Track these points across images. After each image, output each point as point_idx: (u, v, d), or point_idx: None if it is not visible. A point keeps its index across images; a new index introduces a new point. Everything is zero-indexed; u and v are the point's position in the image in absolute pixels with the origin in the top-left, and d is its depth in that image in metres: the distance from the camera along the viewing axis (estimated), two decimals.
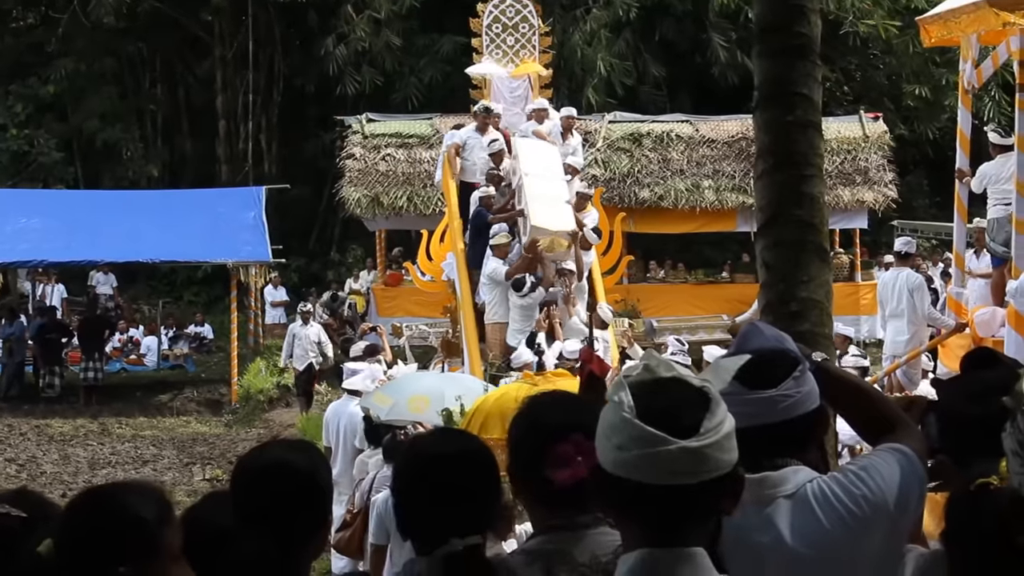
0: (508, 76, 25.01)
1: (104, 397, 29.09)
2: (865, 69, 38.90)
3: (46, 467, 21.36)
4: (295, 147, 40.83)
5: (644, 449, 2.51)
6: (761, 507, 3.23)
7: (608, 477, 2.57)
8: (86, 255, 29.48)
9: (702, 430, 2.55)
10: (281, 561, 3.29)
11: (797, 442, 3.36)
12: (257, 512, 3.41)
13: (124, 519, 3.22)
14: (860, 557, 3.23)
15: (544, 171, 19.75)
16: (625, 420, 2.53)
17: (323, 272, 37.32)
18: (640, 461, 2.51)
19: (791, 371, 3.31)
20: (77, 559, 3.16)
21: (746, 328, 3.48)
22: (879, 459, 3.34)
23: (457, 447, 3.42)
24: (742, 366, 3.25)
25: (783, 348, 3.39)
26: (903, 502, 3.28)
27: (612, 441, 2.55)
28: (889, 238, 18.44)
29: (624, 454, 2.52)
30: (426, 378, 15.73)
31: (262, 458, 3.62)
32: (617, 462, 2.54)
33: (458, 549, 3.10)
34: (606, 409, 2.60)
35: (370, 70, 36.66)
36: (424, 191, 28.41)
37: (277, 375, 26.99)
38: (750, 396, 3.23)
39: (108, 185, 38.43)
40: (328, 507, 3.62)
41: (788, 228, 6.18)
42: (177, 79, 43.02)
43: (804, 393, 3.31)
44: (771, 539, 3.22)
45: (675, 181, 28.81)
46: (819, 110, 6.37)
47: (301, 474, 3.49)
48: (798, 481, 3.29)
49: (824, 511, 3.25)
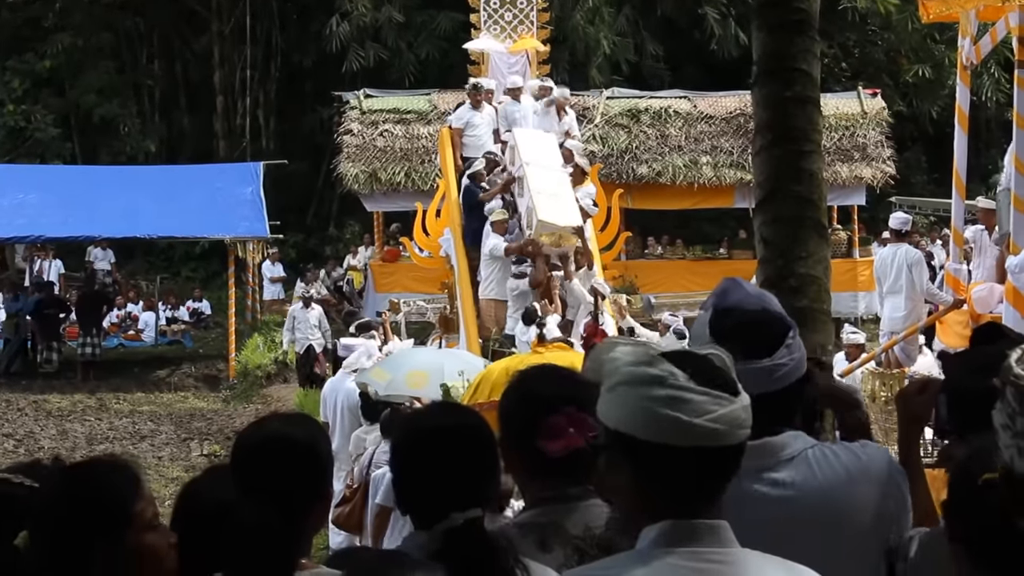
0: (506, 51, 24.98)
1: (102, 373, 29.08)
2: (864, 45, 38.87)
3: (44, 442, 21.37)
4: (293, 123, 40.80)
5: (710, 410, 2.52)
6: (762, 471, 3.23)
7: (641, 445, 2.56)
8: (84, 231, 29.47)
9: (739, 390, 2.60)
10: (283, 532, 3.29)
11: (788, 410, 3.34)
12: (257, 485, 3.42)
13: (97, 491, 3.29)
14: (861, 509, 3.22)
15: (544, 160, 19.61)
16: (683, 387, 2.53)
17: (320, 248, 37.33)
18: (704, 424, 2.51)
19: (783, 338, 3.26)
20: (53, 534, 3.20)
21: (726, 282, 3.41)
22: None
23: (455, 421, 3.41)
24: (731, 331, 3.23)
25: (768, 310, 3.33)
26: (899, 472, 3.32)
27: (661, 411, 2.55)
28: (887, 214, 18.44)
29: (683, 418, 2.52)
30: (424, 353, 15.75)
31: (261, 431, 3.62)
32: (665, 429, 2.54)
33: (458, 523, 3.10)
34: (637, 380, 2.59)
35: (374, 45, 36.67)
36: (422, 167, 28.39)
37: (275, 351, 26.99)
38: (745, 367, 3.13)
39: (105, 161, 38.32)
40: (328, 480, 3.62)
41: (786, 204, 6.18)
42: (175, 54, 42.93)
43: (796, 360, 3.28)
44: (773, 495, 3.21)
45: (673, 157, 28.79)
46: (817, 85, 6.37)
47: (300, 446, 3.50)
48: (798, 446, 3.29)
49: (823, 468, 3.25)
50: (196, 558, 3.64)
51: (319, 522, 3.61)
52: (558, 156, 20.16)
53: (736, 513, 3.15)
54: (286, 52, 40.92)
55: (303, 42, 39.80)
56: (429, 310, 24.07)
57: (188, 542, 3.71)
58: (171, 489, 16.57)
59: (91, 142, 41.08)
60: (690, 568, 2.51)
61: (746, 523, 3.16)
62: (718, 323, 3.29)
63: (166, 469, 18.95)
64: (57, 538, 3.23)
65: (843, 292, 24.14)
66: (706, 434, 2.51)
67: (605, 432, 2.63)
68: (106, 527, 3.24)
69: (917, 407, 3.68)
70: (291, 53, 40.68)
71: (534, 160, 19.34)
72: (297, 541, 3.32)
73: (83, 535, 3.23)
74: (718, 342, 3.17)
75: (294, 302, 27.51)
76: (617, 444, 2.59)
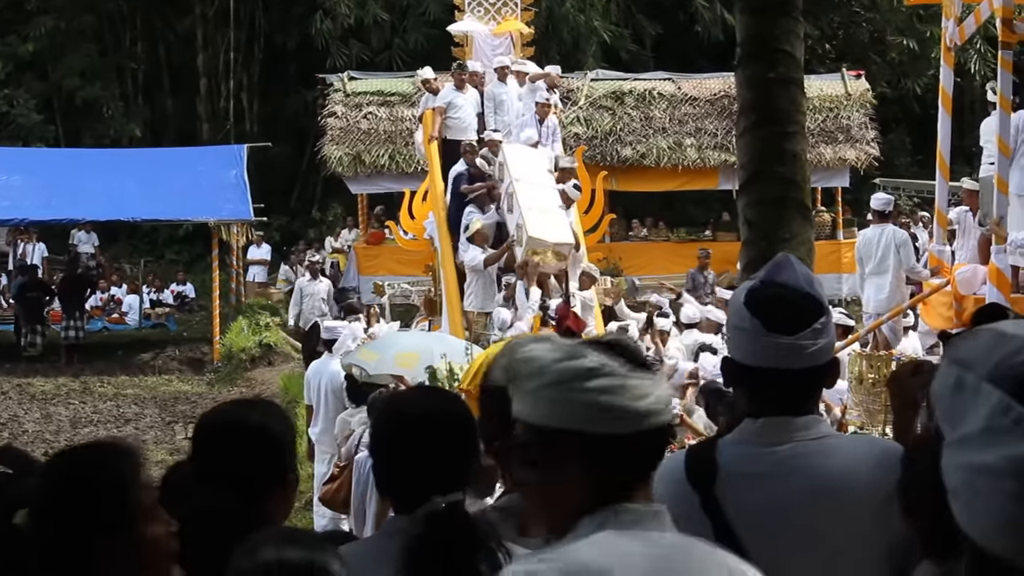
0: (490, 33, 24.93)
1: (86, 356, 29.00)
2: (848, 26, 38.87)
3: (28, 426, 21.34)
4: (276, 105, 40.70)
5: (648, 393, 2.51)
6: (774, 447, 3.24)
7: (589, 438, 2.54)
8: (67, 214, 29.37)
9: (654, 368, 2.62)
10: (241, 516, 3.30)
11: (809, 391, 3.35)
12: (214, 470, 3.47)
13: (100, 478, 3.24)
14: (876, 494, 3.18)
15: (534, 177, 19.48)
16: (619, 374, 2.52)
17: (304, 230, 37.27)
18: (645, 407, 2.50)
19: (813, 321, 3.25)
20: (54, 521, 3.16)
21: (780, 258, 3.38)
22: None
23: (435, 404, 3.42)
24: (763, 303, 3.25)
25: (809, 292, 3.32)
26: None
27: (605, 401, 2.52)
28: (871, 196, 18.43)
29: (628, 405, 2.50)
30: (413, 336, 15.75)
31: (217, 417, 3.67)
32: (613, 419, 2.51)
33: (439, 507, 3.10)
34: (572, 375, 2.58)
35: (357, 44, 36.78)
36: (406, 149, 28.39)
37: (259, 334, 26.94)
38: (765, 338, 3.21)
39: (89, 144, 38.22)
40: (288, 464, 3.64)
41: (770, 185, 6.19)
42: (157, 36, 42.76)
43: (822, 345, 3.27)
44: (783, 478, 3.21)
45: (657, 139, 28.82)
46: (801, 67, 6.37)
47: (254, 430, 3.53)
48: (821, 431, 3.29)
49: (841, 456, 3.25)
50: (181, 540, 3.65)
51: (283, 507, 3.63)
52: (548, 173, 20.01)
53: (746, 490, 3.15)
54: (269, 34, 40.80)
55: (286, 24, 39.70)
56: (414, 293, 24.06)
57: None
58: (155, 473, 16.53)
59: (74, 125, 40.93)
60: (646, 555, 2.49)
61: (763, 498, 3.17)
62: (755, 293, 3.30)
63: (151, 452, 18.90)
64: (59, 525, 3.20)
65: (827, 274, 24.14)
66: (648, 416, 2.51)
67: (536, 433, 2.58)
68: (107, 515, 3.21)
69: (911, 390, 3.67)
70: (274, 35, 40.56)
71: (524, 176, 19.17)
72: (257, 526, 3.32)
73: (84, 523, 3.19)
74: (749, 310, 3.25)
75: (301, 273, 27.37)
76: (559, 442, 2.56)
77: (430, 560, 3.05)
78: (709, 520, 3.19)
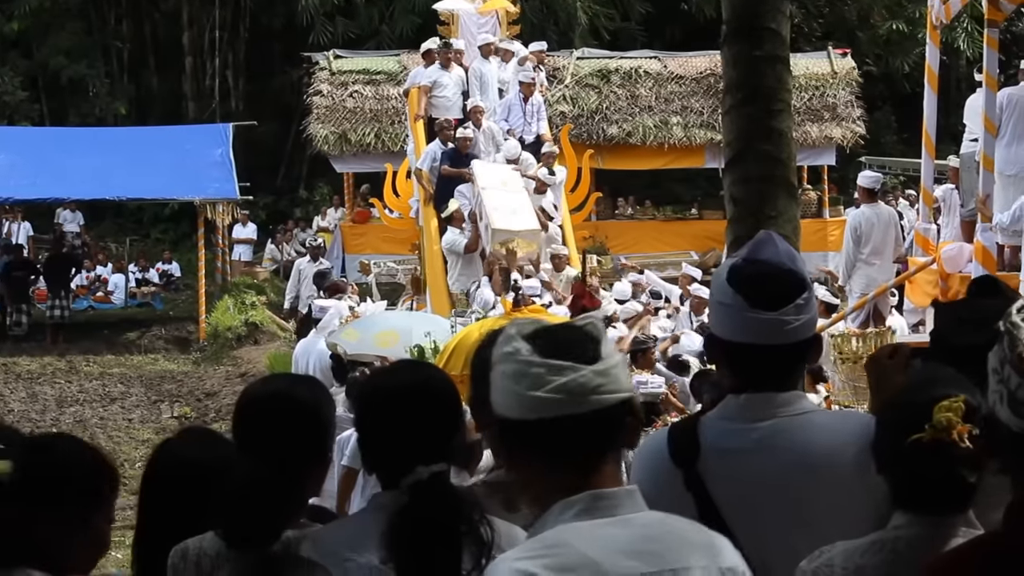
0: (475, 12, 24.86)
1: (71, 335, 28.95)
2: (834, 4, 38.84)
3: (13, 405, 21.30)
4: (262, 84, 40.61)
5: (548, 381, 2.53)
6: (757, 423, 3.25)
7: (514, 424, 2.59)
8: (52, 192, 29.34)
9: (600, 356, 2.59)
10: (276, 490, 3.30)
11: (792, 367, 3.36)
12: (257, 441, 3.43)
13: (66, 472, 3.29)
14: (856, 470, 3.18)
15: (501, 184, 19.67)
16: (525, 361, 2.55)
17: (290, 209, 37.25)
18: (544, 395, 2.52)
19: (795, 297, 3.26)
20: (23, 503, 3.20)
21: (762, 235, 3.41)
22: None
23: (416, 376, 3.41)
24: (746, 279, 3.26)
25: (792, 268, 3.32)
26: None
27: (509, 387, 2.57)
28: (857, 174, 18.43)
29: (522, 392, 2.54)
30: (394, 316, 15.77)
31: (266, 388, 3.63)
32: (516, 405, 2.56)
33: (423, 477, 3.11)
34: (496, 361, 2.62)
35: (343, 21, 36.69)
36: (392, 128, 28.37)
37: (245, 312, 26.92)
38: (748, 314, 3.22)
39: (74, 122, 38.09)
40: (329, 444, 3.62)
41: (756, 163, 6.19)
42: (143, 14, 42.60)
43: (804, 321, 3.28)
44: (766, 454, 3.22)
45: (643, 117, 28.81)
46: (787, 44, 6.36)
47: (304, 406, 3.51)
48: (803, 406, 3.31)
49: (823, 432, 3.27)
50: (168, 517, 3.65)
51: (317, 484, 3.61)
52: (518, 183, 20.09)
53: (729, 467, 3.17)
54: (255, 13, 40.65)
55: (272, 3, 39.56)
56: (399, 271, 24.06)
57: (160, 502, 3.72)
58: (142, 451, 16.56)
59: (60, 103, 40.80)
60: (628, 537, 2.51)
61: (746, 474, 3.18)
62: (737, 270, 3.31)
63: (136, 431, 18.94)
64: (26, 509, 3.20)
65: (813, 252, 24.15)
66: (548, 405, 2.53)
67: (498, 420, 2.64)
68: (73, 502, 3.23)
69: (889, 371, 3.67)
70: (260, 14, 40.42)
71: (490, 185, 19.49)
72: (291, 501, 3.32)
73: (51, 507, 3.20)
74: (732, 287, 3.26)
75: (288, 253, 27.29)
76: (507, 428, 2.61)
77: (413, 531, 3.06)
78: (692, 497, 3.20)
